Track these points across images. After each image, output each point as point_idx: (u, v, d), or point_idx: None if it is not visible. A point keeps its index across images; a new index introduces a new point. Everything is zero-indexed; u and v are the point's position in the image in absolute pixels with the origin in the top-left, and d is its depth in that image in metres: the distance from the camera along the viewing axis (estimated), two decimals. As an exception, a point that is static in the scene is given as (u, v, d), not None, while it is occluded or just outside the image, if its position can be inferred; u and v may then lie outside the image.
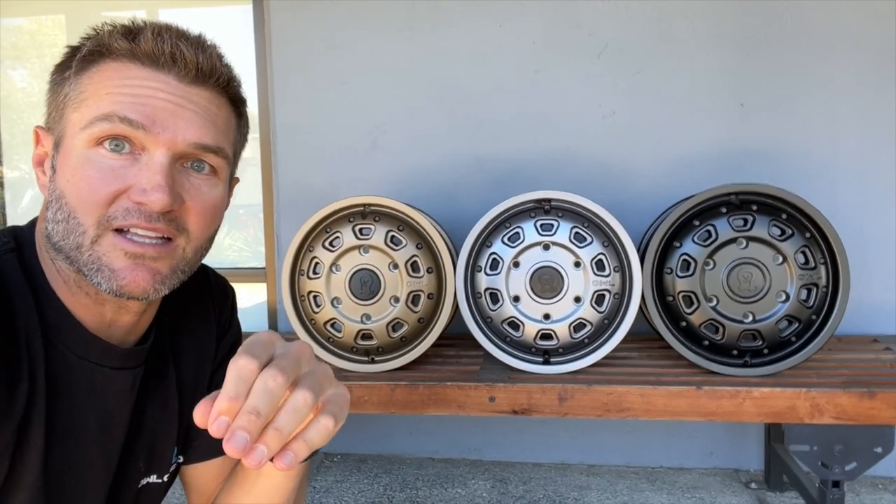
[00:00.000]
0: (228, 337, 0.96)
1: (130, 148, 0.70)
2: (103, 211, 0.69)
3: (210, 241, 0.80)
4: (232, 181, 0.83)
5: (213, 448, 0.91)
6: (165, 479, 0.88)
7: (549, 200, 1.82)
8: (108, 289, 0.71)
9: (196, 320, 0.91)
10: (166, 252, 0.73)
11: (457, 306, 1.86)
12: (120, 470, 0.81)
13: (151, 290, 0.72)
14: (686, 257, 1.76)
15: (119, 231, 0.70)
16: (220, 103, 0.75)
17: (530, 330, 1.83)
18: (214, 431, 0.52)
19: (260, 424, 0.53)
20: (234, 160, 0.80)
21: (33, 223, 0.79)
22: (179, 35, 0.72)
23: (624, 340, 1.81)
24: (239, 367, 0.55)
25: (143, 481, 0.85)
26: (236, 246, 2.92)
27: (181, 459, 0.91)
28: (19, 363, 0.69)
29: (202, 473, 0.92)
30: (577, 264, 1.80)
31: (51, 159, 0.74)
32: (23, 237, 0.77)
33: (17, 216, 3.04)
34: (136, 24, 0.72)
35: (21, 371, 0.69)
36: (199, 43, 0.73)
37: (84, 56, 0.72)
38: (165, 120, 0.70)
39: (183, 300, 0.87)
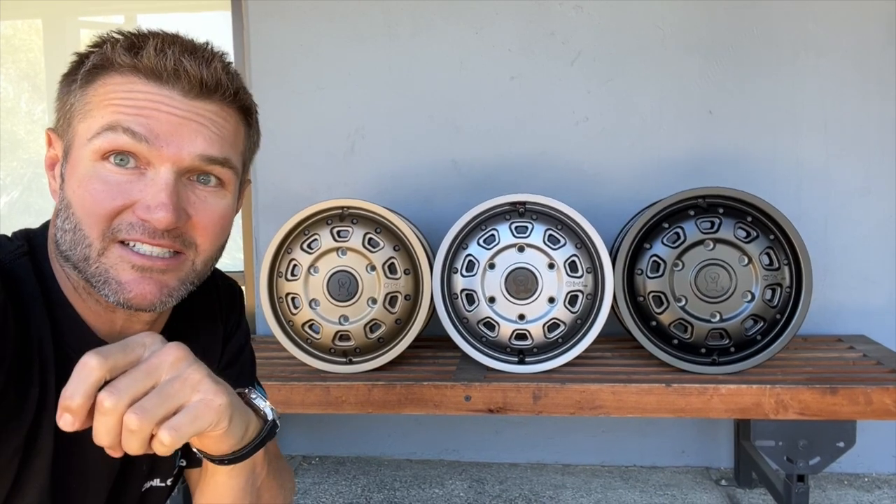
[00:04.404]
0: (235, 339, 0.96)
1: (136, 163, 0.70)
2: (107, 224, 0.70)
3: (220, 250, 0.80)
4: (243, 186, 0.83)
5: None
6: (169, 482, 0.88)
7: (524, 203, 1.86)
8: (116, 301, 0.71)
9: (203, 323, 0.91)
10: (175, 265, 0.73)
11: (433, 307, 1.89)
12: (123, 473, 0.81)
13: (159, 302, 0.73)
14: (656, 258, 1.81)
15: (123, 243, 0.70)
16: (228, 115, 0.75)
17: (505, 330, 1.86)
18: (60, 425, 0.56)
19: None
20: (243, 169, 0.81)
21: (45, 226, 0.78)
22: (184, 49, 0.71)
23: (597, 341, 1.86)
24: (81, 365, 0.55)
25: (147, 485, 0.86)
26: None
27: (184, 463, 0.91)
28: (31, 368, 0.69)
29: None
30: (551, 266, 1.84)
31: (60, 167, 0.74)
32: (35, 241, 0.77)
33: (-8, 220, 3.01)
34: (140, 36, 0.72)
35: (32, 376, 0.69)
36: (203, 56, 0.72)
37: (89, 69, 0.72)
38: (169, 134, 0.70)
39: (190, 303, 0.87)
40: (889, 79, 2.21)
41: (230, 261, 2.74)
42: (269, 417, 0.74)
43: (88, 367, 0.55)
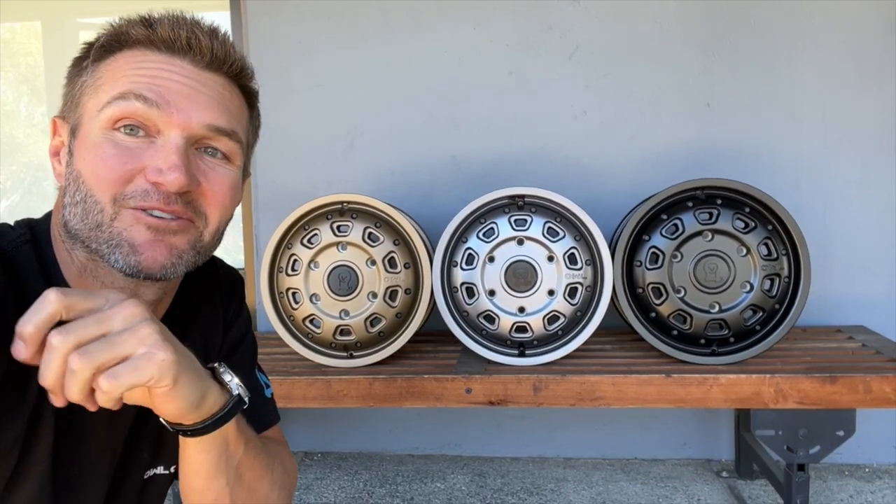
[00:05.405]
0: (236, 328, 0.96)
1: (146, 132, 0.72)
2: (119, 188, 0.70)
3: (226, 224, 0.80)
4: (245, 174, 0.84)
5: None
6: (172, 470, 0.88)
7: (523, 196, 1.87)
8: (126, 264, 0.71)
9: (203, 312, 0.91)
10: (185, 227, 0.74)
11: (434, 301, 1.90)
12: (124, 461, 0.82)
13: (169, 265, 0.73)
14: (655, 250, 1.81)
15: (135, 209, 0.71)
16: (233, 91, 0.78)
17: (506, 323, 1.87)
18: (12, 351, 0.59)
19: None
20: (247, 150, 0.82)
21: (48, 216, 0.79)
22: (195, 23, 0.75)
23: (596, 333, 1.86)
24: (41, 298, 0.58)
25: (150, 472, 0.86)
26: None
27: None
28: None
29: None
30: (551, 258, 1.85)
31: (67, 146, 0.75)
32: (38, 229, 0.78)
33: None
34: (151, 15, 0.75)
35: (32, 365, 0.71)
36: (213, 31, 0.76)
37: (102, 45, 0.74)
38: (179, 101, 0.72)
39: (191, 292, 0.88)
40: (887, 70, 2.22)
41: (231, 261, 2.74)
42: (234, 392, 0.74)
43: (46, 300, 0.58)
